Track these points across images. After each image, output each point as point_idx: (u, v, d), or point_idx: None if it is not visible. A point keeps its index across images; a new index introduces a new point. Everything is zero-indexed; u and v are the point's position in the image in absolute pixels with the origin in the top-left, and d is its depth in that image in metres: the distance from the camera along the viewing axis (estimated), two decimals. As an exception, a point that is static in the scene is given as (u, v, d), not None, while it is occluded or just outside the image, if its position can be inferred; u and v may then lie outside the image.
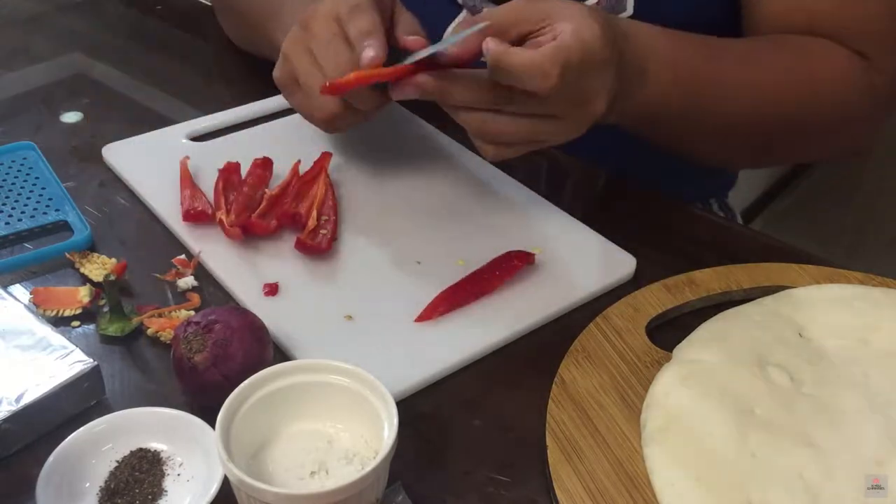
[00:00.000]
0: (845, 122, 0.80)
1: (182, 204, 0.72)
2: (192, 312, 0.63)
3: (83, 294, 0.64)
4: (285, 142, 0.81)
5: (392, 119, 0.85)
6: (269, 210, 0.71)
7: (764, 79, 0.74)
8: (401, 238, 0.71)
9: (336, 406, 0.53)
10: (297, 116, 0.85)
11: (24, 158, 0.79)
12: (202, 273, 0.67)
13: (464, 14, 0.86)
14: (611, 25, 0.63)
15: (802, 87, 0.75)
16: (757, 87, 0.74)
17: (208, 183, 0.75)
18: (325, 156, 0.76)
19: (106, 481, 0.52)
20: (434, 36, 0.67)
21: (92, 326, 0.63)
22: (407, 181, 0.78)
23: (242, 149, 0.79)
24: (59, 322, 0.63)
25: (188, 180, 0.74)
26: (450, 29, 0.86)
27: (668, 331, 0.63)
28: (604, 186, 0.80)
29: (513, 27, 0.61)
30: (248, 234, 0.69)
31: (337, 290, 0.66)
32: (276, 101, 0.88)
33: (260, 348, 0.56)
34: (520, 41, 0.61)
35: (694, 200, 0.96)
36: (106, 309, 0.63)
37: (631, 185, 0.80)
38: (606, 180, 0.81)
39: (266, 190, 0.73)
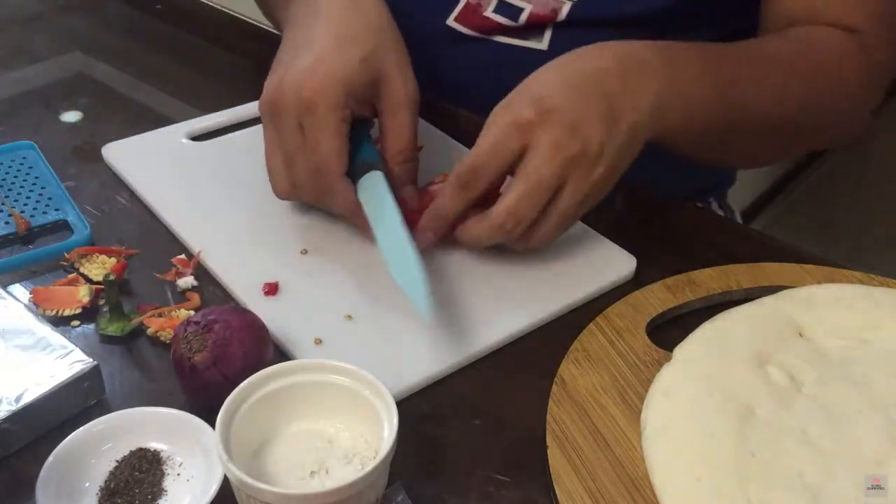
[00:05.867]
0: (849, 103, 0.80)
1: None
2: (192, 312, 0.63)
3: (83, 294, 0.64)
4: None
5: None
6: None
7: (774, 74, 0.74)
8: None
9: (336, 406, 0.53)
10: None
11: (24, 158, 0.79)
12: (202, 273, 0.67)
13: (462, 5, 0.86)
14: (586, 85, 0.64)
15: (809, 75, 0.75)
16: (771, 84, 0.73)
17: (209, 182, 0.76)
18: None
19: (106, 481, 0.52)
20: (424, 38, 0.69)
21: (92, 326, 0.63)
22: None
23: (242, 149, 0.79)
24: (58, 322, 0.63)
25: None
26: (451, 17, 0.88)
27: (668, 331, 0.63)
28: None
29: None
30: None
31: (337, 290, 0.66)
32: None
33: (260, 348, 0.56)
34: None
35: (693, 200, 0.96)
36: (106, 309, 0.63)
37: (630, 185, 0.80)
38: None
39: None
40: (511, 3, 0.85)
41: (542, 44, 0.85)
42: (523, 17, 0.85)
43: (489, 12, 0.86)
